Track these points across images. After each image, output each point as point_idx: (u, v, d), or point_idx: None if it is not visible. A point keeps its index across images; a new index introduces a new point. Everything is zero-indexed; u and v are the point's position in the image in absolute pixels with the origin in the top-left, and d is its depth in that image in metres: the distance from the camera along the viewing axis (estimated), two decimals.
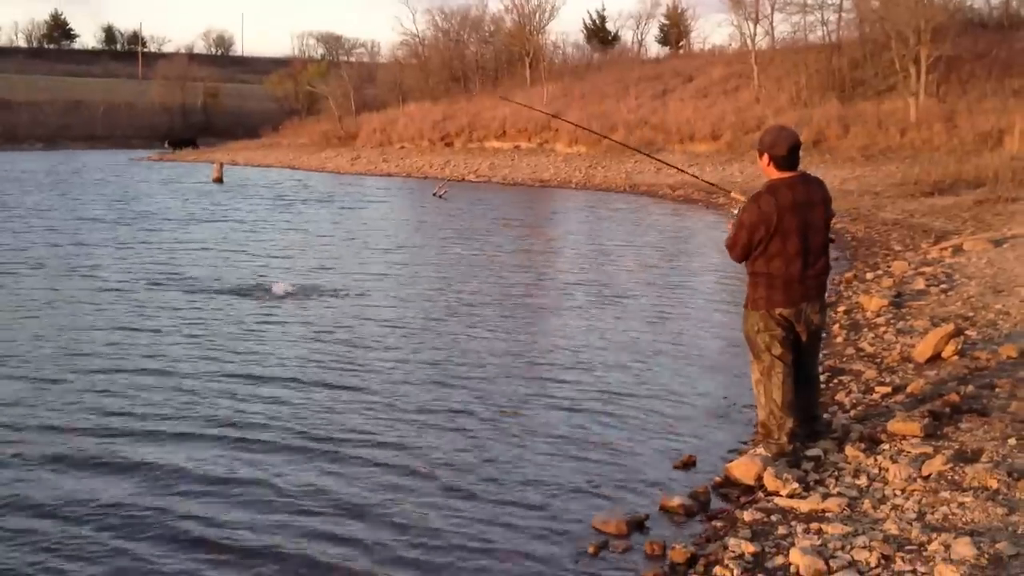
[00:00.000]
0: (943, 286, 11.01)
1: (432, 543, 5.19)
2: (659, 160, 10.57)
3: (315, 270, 15.11)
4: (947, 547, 4.29)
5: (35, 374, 8.61)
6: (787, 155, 5.70)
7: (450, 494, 5.86)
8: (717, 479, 5.85)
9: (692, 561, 4.73)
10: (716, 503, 5.58)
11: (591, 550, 5.01)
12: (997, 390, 6.65)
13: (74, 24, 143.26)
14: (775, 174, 5.75)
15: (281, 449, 6.65)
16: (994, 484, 4.96)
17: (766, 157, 5.76)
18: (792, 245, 5.66)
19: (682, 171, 9.09)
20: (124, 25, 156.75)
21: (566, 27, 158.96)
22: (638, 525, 5.26)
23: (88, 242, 18.47)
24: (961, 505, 4.78)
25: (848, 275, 13.11)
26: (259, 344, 9.84)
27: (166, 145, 68.05)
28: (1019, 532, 4.40)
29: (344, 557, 5.04)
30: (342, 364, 9.06)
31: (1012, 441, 5.55)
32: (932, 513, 4.76)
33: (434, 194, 31.29)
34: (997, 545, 4.24)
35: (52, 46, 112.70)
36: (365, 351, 9.59)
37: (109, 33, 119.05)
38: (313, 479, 6.09)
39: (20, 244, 17.90)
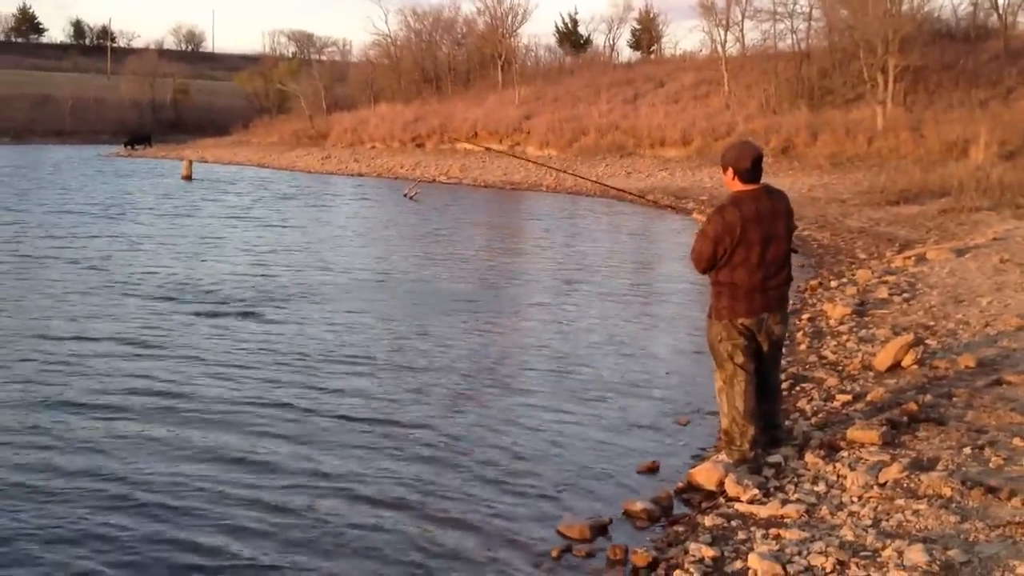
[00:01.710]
0: (905, 295, 11.17)
1: (395, 548, 5.24)
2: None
3: (281, 270, 15.10)
4: (900, 553, 4.39)
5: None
6: (751, 168, 5.83)
7: (412, 500, 5.90)
8: (680, 484, 5.95)
9: (653, 565, 4.82)
10: (679, 508, 5.67)
11: (554, 554, 5.08)
12: (955, 399, 6.78)
13: (43, 18, 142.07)
14: (739, 187, 5.87)
15: (240, 463, 6.62)
16: (948, 492, 5.08)
17: (730, 171, 5.88)
18: (755, 256, 5.77)
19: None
20: (93, 20, 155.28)
21: (539, 30, 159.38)
22: (601, 530, 5.34)
23: (53, 237, 18.34)
24: (916, 512, 4.89)
25: (813, 283, 13.26)
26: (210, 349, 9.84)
27: (124, 145, 66.81)
28: (971, 539, 4.52)
29: (304, 564, 5.08)
30: (298, 370, 9.05)
31: (967, 450, 5.67)
32: (887, 520, 4.87)
33: (405, 195, 31.28)
34: (949, 552, 4.36)
35: (20, 40, 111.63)
36: (322, 357, 9.54)
37: (78, 27, 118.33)
38: (275, 493, 6.12)
39: None
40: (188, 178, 38.72)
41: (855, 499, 5.21)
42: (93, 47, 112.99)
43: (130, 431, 7.11)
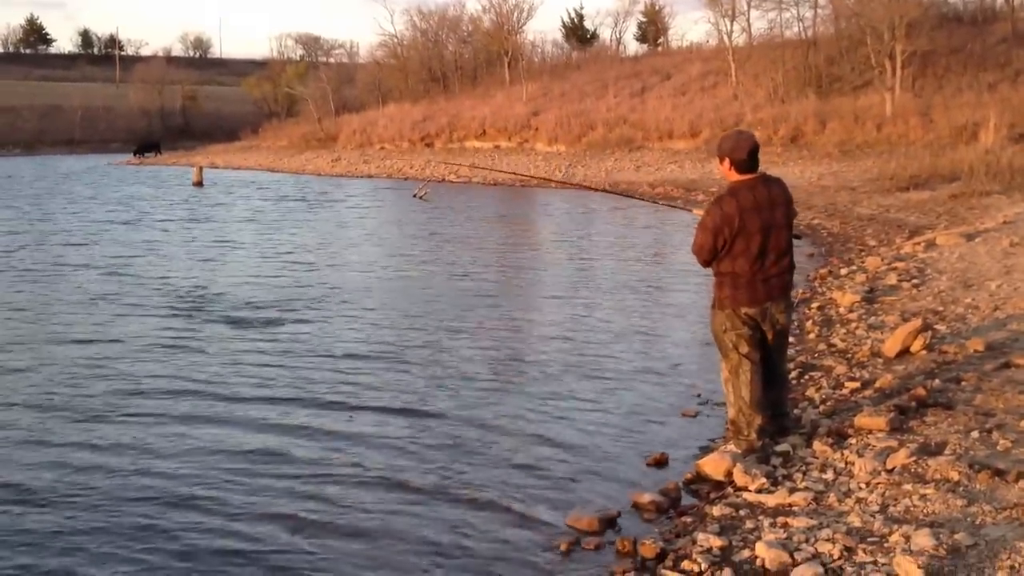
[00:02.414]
0: (915, 281, 11.15)
1: (405, 542, 5.27)
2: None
3: (300, 272, 15.16)
4: (907, 538, 4.40)
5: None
6: (747, 158, 5.84)
7: (423, 492, 5.95)
8: (688, 475, 5.96)
9: (661, 556, 4.84)
10: (687, 499, 5.68)
11: (563, 547, 5.10)
12: (963, 384, 6.78)
13: (50, 29, 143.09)
14: (736, 177, 5.89)
15: (242, 456, 6.70)
16: (956, 476, 5.08)
17: (727, 162, 5.89)
18: (755, 245, 5.78)
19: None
20: (101, 29, 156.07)
21: (544, 26, 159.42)
22: (610, 522, 5.36)
23: (64, 250, 18.44)
24: (923, 497, 4.89)
25: (823, 271, 13.26)
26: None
27: (133, 153, 66.82)
28: (977, 523, 4.52)
29: (316, 558, 5.13)
30: (310, 368, 9.12)
31: (975, 434, 5.67)
32: (895, 505, 4.87)
33: (414, 195, 31.30)
34: (956, 536, 4.36)
35: (29, 51, 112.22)
36: (334, 355, 9.63)
37: (86, 37, 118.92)
38: (283, 482, 6.17)
39: None
40: (199, 184, 38.84)
41: (863, 486, 5.22)
42: (101, 56, 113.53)
43: (170, 431, 7.22)
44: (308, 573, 4.98)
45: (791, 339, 8.32)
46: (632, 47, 69.81)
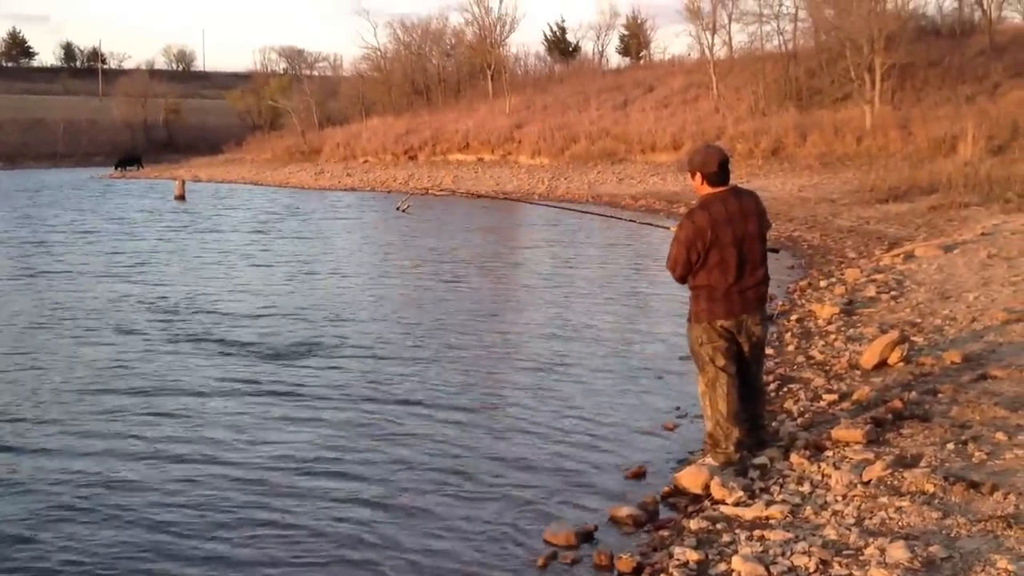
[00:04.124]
0: (893, 293, 11.21)
1: (381, 556, 5.26)
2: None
3: (279, 295, 15.12)
4: (882, 551, 4.41)
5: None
6: (718, 171, 5.87)
7: (399, 507, 5.94)
8: (666, 489, 5.97)
9: (638, 570, 4.84)
10: (665, 512, 5.69)
11: (540, 562, 5.10)
12: (940, 395, 6.81)
13: (33, 42, 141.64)
14: (707, 190, 5.91)
15: (227, 468, 6.70)
16: (931, 488, 5.10)
17: (699, 176, 5.92)
18: (729, 256, 5.80)
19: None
20: (83, 42, 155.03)
21: (527, 39, 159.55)
22: (587, 536, 5.36)
23: (35, 266, 18.34)
24: (898, 510, 4.91)
25: (802, 283, 13.31)
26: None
27: (115, 167, 66.26)
28: (952, 535, 4.53)
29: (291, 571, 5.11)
30: (295, 380, 9.12)
31: (951, 446, 5.70)
32: (870, 518, 4.89)
33: (397, 208, 31.18)
34: (931, 548, 4.37)
35: (10, 64, 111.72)
36: (315, 367, 9.65)
37: (68, 50, 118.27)
38: (269, 496, 6.15)
39: None
40: (181, 198, 38.58)
41: (839, 498, 5.23)
42: (84, 69, 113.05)
43: (200, 436, 7.29)
44: None
45: (769, 351, 8.38)
46: (614, 60, 70.21)
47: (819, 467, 5.74)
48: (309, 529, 5.66)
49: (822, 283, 13.01)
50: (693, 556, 4.78)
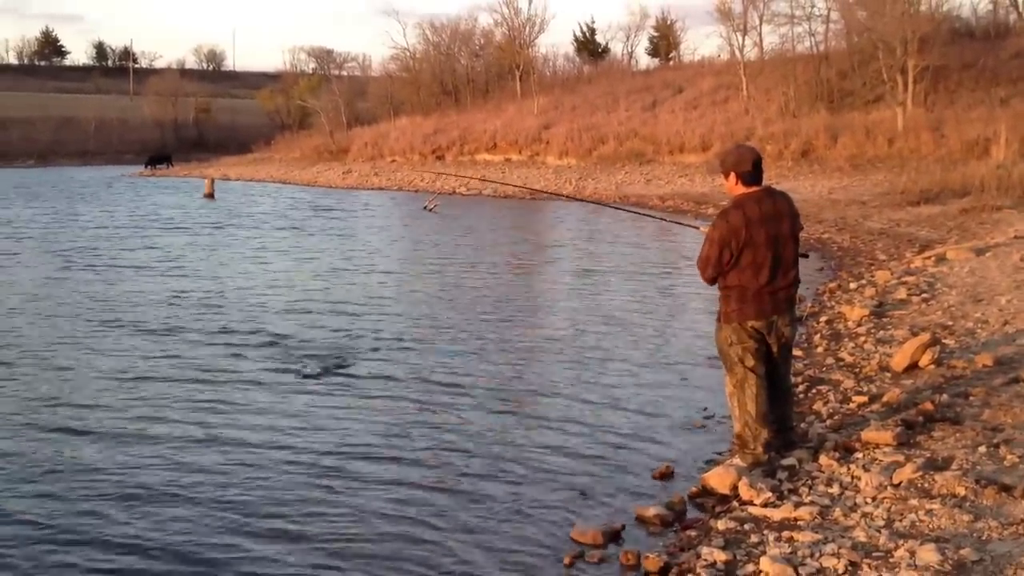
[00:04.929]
0: (924, 295, 11.11)
1: (409, 554, 5.28)
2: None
3: (317, 290, 15.18)
4: (912, 553, 4.37)
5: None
6: (752, 170, 5.85)
7: (428, 505, 5.96)
8: (693, 489, 5.95)
9: (665, 570, 4.82)
10: (692, 512, 5.67)
11: (567, 561, 5.09)
12: (971, 398, 6.75)
13: (65, 41, 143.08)
14: (741, 190, 5.88)
15: (255, 463, 6.76)
16: (962, 491, 5.05)
17: (732, 176, 5.89)
18: (762, 257, 5.76)
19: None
20: (115, 41, 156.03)
21: (556, 39, 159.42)
22: (614, 535, 5.35)
23: (76, 262, 18.49)
24: (929, 512, 4.86)
25: (832, 285, 13.22)
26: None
27: (144, 166, 66.65)
28: (983, 538, 4.49)
29: (321, 569, 5.13)
30: (343, 371, 9.23)
31: (982, 449, 5.64)
32: (900, 520, 4.85)
33: (425, 208, 31.33)
34: (961, 551, 4.33)
35: (43, 63, 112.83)
36: (342, 362, 9.73)
37: (100, 49, 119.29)
38: (297, 492, 6.18)
39: None
40: (211, 196, 38.80)
41: (869, 500, 5.19)
42: (115, 68, 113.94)
43: (257, 424, 7.46)
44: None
45: (798, 352, 8.33)
46: (644, 61, 69.84)
47: (848, 469, 5.70)
48: (333, 524, 5.74)
49: (852, 285, 12.91)
50: (721, 556, 4.76)
